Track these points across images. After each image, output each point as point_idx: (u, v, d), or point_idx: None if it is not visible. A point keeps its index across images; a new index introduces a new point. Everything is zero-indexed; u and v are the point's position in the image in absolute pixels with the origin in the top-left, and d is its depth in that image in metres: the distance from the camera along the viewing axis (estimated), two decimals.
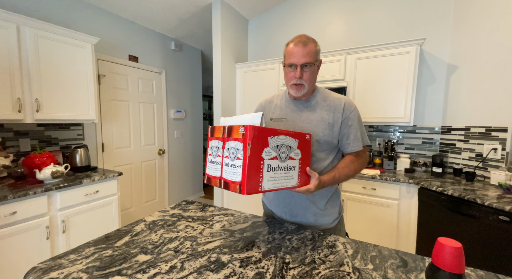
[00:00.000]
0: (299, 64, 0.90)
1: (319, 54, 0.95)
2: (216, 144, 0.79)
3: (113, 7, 2.42)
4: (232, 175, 0.72)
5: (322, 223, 1.03)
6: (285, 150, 0.77)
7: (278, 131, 0.75)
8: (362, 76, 2.19)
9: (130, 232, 0.95)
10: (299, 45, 0.90)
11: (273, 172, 0.74)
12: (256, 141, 0.69)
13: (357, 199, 2.04)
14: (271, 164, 0.73)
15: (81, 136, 2.29)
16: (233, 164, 0.71)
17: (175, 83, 3.34)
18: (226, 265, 0.73)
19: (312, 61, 0.91)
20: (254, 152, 0.68)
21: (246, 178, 0.68)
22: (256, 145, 0.69)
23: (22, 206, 1.46)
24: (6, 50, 1.56)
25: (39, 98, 1.72)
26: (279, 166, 0.76)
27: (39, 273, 0.68)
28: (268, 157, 0.72)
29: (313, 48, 0.91)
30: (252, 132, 0.68)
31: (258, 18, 3.10)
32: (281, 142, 0.76)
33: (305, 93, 0.97)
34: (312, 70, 0.93)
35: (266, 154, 0.72)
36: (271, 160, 0.73)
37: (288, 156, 0.78)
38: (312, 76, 0.93)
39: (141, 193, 2.93)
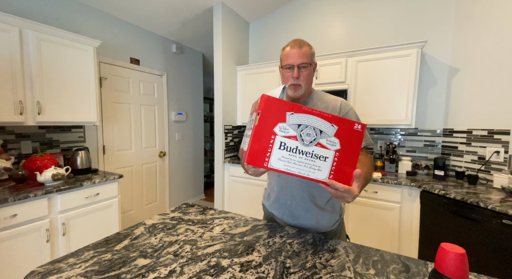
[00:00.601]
0: (296, 64, 0.92)
1: (314, 56, 0.98)
2: (249, 119, 0.76)
3: (116, 10, 2.44)
4: (245, 144, 0.68)
5: (323, 225, 1.03)
6: (311, 133, 0.67)
7: (305, 109, 0.64)
8: (363, 78, 2.19)
9: (129, 235, 0.94)
10: (295, 47, 0.94)
11: (288, 152, 0.66)
12: (268, 111, 0.63)
13: (358, 202, 2.02)
14: (286, 142, 0.65)
15: (82, 139, 2.30)
16: (248, 134, 0.69)
17: (176, 86, 3.35)
18: (226, 270, 0.72)
19: (308, 61, 0.93)
20: (263, 123, 0.63)
21: (249, 147, 0.63)
22: (267, 116, 0.63)
23: (22, 208, 1.46)
24: (9, 53, 1.57)
25: (41, 101, 1.73)
26: (298, 148, 0.66)
27: (38, 277, 0.68)
28: (282, 134, 0.65)
29: (309, 50, 0.95)
30: (264, 102, 0.63)
31: (259, 21, 3.12)
32: (306, 122, 0.65)
33: (302, 94, 0.97)
34: (309, 71, 0.95)
35: (280, 129, 0.65)
36: (286, 138, 0.65)
37: (317, 141, 0.67)
38: (308, 77, 0.95)
39: (142, 195, 2.93)
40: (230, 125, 2.85)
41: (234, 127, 2.93)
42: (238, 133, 3.04)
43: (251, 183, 2.57)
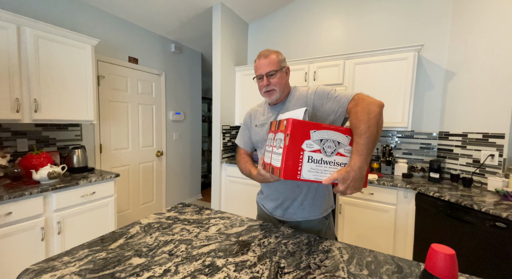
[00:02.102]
0: (264, 73, 1.01)
1: (283, 62, 1.03)
2: (271, 136, 0.88)
3: (114, 9, 2.44)
4: (276, 161, 0.79)
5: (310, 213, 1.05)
6: (332, 145, 0.78)
7: (323, 125, 0.77)
8: (360, 81, 2.20)
9: (125, 234, 0.94)
10: (261, 58, 1.02)
11: (315, 164, 0.77)
12: (295, 132, 0.75)
13: (354, 203, 2.03)
14: (312, 156, 0.76)
15: (79, 137, 2.29)
16: (278, 152, 0.79)
17: (175, 85, 3.35)
18: (221, 269, 0.73)
19: (275, 68, 1.00)
20: (293, 142, 0.75)
21: (284, 165, 0.75)
22: (295, 136, 0.75)
23: (17, 206, 1.45)
24: (6, 50, 1.56)
25: (38, 98, 1.72)
26: (323, 159, 0.78)
27: (31, 275, 0.67)
28: (309, 149, 0.76)
29: (275, 58, 1.01)
30: (291, 125, 0.75)
31: (258, 22, 3.13)
32: (327, 136, 0.78)
33: (279, 97, 1.04)
34: (279, 76, 1.01)
35: (307, 146, 0.76)
36: (313, 152, 0.76)
37: (336, 151, 0.79)
38: (280, 81, 1.01)
39: (138, 194, 2.92)
40: (228, 126, 2.86)
41: (232, 128, 2.93)
42: (236, 133, 3.04)
43: (248, 183, 2.57)
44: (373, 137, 0.77)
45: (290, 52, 2.91)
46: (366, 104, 0.83)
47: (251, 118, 1.18)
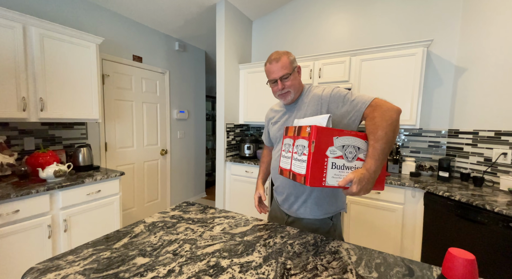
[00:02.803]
0: (278, 77, 1.01)
1: (294, 62, 1.03)
2: (288, 142, 0.88)
3: (119, 7, 2.43)
4: (299, 168, 0.79)
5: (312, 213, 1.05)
6: (353, 150, 0.80)
7: (345, 132, 0.78)
8: (367, 78, 2.16)
9: (129, 233, 0.93)
10: (273, 62, 1.01)
11: (338, 170, 0.78)
12: (320, 139, 0.75)
13: (360, 202, 2.00)
14: (335, 162, 0.77)
15: (85, 136, 2.30)
16: (300, 158, 0.79)
17: (179, 84, 3.34)
18: (226, 270, 0.71)
19: (288, 71, 1.01)
20: (318, 149, 0.75)
21: (310, 172, 0.74)
22: (320, 143, 0.75)
23: (25, 204, 1.46)
24: (12, 49, 1.57)
25: (44, 97, 1.73)
26: (345, 165, 0.79)
27: (36, 274, 0.67)
28: (332, 155, 0.77)
29: (286, 60, 1.01)
30: (316, 132, 0.75)
31: (262, 19, 3.09)
32: (348, 142, 0.79)
33: (294, 98, 1.06)
34: (292, 78, 1.02)
35: (330, 152, 0.77)
36: (336, 158, 0.77)
37: (357, 157, 0.80)
38: (294, 82, 1.03)
39: (143, 193, 2.93)
40: (232, 124, 2.84)
41: (236, 126, 2.92)
42: (240, 132, 3.03)
43: (252, 182, 2.55)
44: (390, 143, 0.79)
45: (295, 49, 2.87)
46: (384, 110, 0.83)
47: (269, 115, 1.24)
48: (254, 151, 2.79)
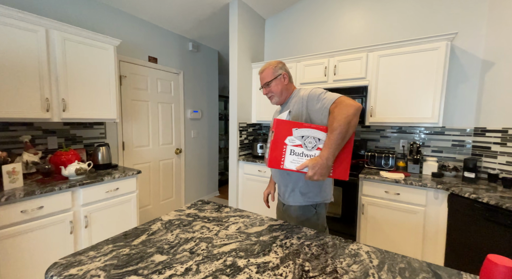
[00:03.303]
0: (262, 85, 1.22)
1: (278, 70, 1.19)
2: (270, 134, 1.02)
3: (135, 9, 2.49)
4: (266, 154, 0.98)
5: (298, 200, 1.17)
6: (312, 141, 0.93)
7: (305, 125, 0.93)
8: (385, 74, 2.08)
9: (147, 230, 0.95)
10: (259, 74, 1.23)
11: (297, 156, 0.93)
12: (279, 130, 0.92)
13: (378, 203, 1.93)
14: (294, 149, 0.93)
15: (103, 135, 2.38)
16: (268, 146, 0.97)
17: (192, 84, 3.38)
18: (242, 270, 0.70)
19: (269, 79, 1.18)
20: (276, 138, 0.92)
21: (269, 155, 0.93)
22: (279, 133, 0.92)
23: (48, 201, 1.53)
24: (36, 52, 1.65)
25: (66, 98, 1.80)
26: (304, 152, 0.93)
27: (59, 269, 0.69)
28: (291, 143, 0.93)
29: (268, 71, 1.19)
30: (276, 124, 0.93)
31: (275, 17, 3.06)
32: (307, 133, 0.93)
33: (278, 100, 1.22)
34: (274, 84, 1.18)
35: (289, 141, 0.93)
36: (294, 146, 0.93)
37: (317, 147, 0.93)
38: (276, 87, 1.18)
39: (159, 191, 2.99)
40: (245, 123, 2.84)
41: (248, 125, 2.91)
42: (253, 131, 3.02)
43: (265, 181, 2.54)
44: (343, 134, 0.89)
45: (309, 46, 2.82)
46: (343, 106, 0.94)
47: (273, 115, 1.40)
48: None
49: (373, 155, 2.20)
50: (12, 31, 1.54)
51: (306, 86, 2.45)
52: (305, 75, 2.47)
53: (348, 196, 2.04)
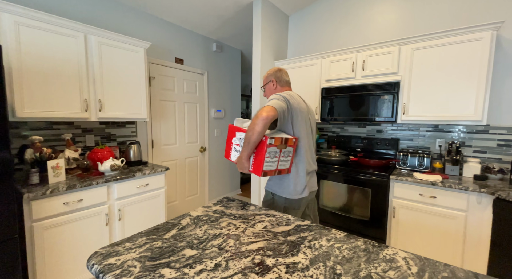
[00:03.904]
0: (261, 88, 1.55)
1: (268, 77, 1.45)
2: None
3: (163, 12, 2.60)
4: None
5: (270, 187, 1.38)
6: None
7: (243, 130, 1.21)
8: (419, 68, 1.93)
9: (177, 225, 0.98)
10: None
11: (237, 152, 1.27)
12: (229, 132, 1.30)
13: (411, 207, 1.81)
14: (236, 147, 1.28)
15: (134, 134, 2.52)
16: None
17: (216, 84, 3.45)
18: (271, 269, 0.69)
19: (263, 84, 1.49)
20: (228, 138, 1.31)
21: (225, 150, 1.35)
22: (229, 135, 1.30)
23: (87, 194, 1.65)
24: (76, 56, 1.78)
25: (101, 99, 1.93)
26: (240, 150, 1.24)
27: (100, 258, 0.74)
28: (235, 143, 1.28)
29: (264, 77, 1.49)
30: (229, 128, 1.30)
31: (299, 13, 3.00)
32: (243, 136, 1.18)
33: None
34: (267, 88, 1.47)
35: (234, 141, 1.28)
36: (236, 145, 1.27)
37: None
38: (267, 91, 1.47)
39: (185, 187, 3.10)
40: None
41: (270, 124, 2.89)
42: None
43: None
44: (247, 139, 1.12)
45: (334, 42, 2.73)
46: (254, 116, 1.13)
47: None
48: None
49: (406, 155, 2.07)
50: (56, 38, 1.68)
51: (332, 83, 2.38)
52: (331, 72, 2.39)
53: (377, 198, 1.94)
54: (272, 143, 1.12)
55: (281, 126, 1.23)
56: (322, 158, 2.34)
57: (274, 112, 1.13)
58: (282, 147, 1.16)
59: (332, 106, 2.37)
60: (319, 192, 2.27)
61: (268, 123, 1.10)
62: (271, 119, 1.12)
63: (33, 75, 1.60)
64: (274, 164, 1.16)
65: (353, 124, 2.64)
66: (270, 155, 1.13)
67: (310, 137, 1.36)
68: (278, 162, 1.17)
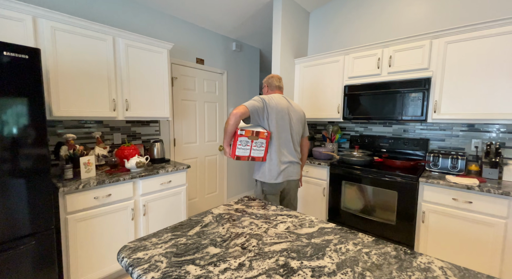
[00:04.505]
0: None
1: (263, 83, 1.74)
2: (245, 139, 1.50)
3: (184, 14, 2.66)
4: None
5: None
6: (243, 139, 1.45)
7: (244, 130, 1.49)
8: (454, 63, 1.79)
9: (200, 222, 0.99)
10: None
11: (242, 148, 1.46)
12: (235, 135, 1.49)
13: (443, 212, 1.69)
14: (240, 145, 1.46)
15: (158, 132, 2.61)
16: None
17: (235, 83, 3.47)
18: (296, 272, 0.68)
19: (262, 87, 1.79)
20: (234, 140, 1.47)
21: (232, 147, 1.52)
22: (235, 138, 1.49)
23: (115, 189, 1.74)
24: (105, 58, 1.88)
25: (128, 98, 2.02)
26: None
27: (129, 252, 0.77)
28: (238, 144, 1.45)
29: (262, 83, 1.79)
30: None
31: (320, 9, 2.92)
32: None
33: None
34: (263, 91, 1.75)
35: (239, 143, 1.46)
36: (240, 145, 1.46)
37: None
38: (263, 93, 1.73)
39: (204, 185, 3.16)
40: None
41: None
42: None
43: (308, 181, 2.46)
44: (224, 130, 1.45)
45: (357, 37, 2.62)
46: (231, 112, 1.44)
47: None
48: (310, 149, 2.67)
49: (437, 156, 1.93)
50: (87, 41, 1.78)
51: (356, 80, 2.29)
52: (354, 69, 2.30)
53: (405, 201, 1.84)
54: (243, 134, 1.41)
55: (254, 121, 1.49)
56: (344, 158, 2.26)
57: (244, 110, 1.42)
58: (254, 138, 1.44)
59: (355, 104, 2.28)
60: (340, 193, 2.20)
61: (238, 118, 1.40)
62: (240, 115, 1.41)
63: (67, 77, 1.71)
64: (246, 151, 1.45)
65: (378, 124, 2.52)
66: (241, 143, 1.43)
67: (288, 133, 1.58)
68: (250, 150, 1.45)
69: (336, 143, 2.70)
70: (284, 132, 1.56)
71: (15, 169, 1.28)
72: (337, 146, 2.72)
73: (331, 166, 2.27)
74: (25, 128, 1.30)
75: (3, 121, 1.24)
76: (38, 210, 1.36)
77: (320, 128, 3.00)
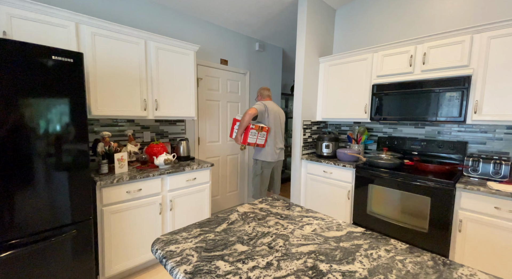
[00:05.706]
0: None
1: (257, 93, 2.56)
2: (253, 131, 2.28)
3: (210, 16, 2.72)
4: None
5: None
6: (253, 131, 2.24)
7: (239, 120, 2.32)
8: (498, 60, 1.64)
9: (226, 219, 1.01)
10: None
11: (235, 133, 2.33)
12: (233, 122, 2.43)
13: (484, 221, 1.55)
14: (235, 130, 2.35)
15: (184, 131, 2.71)
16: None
17: (257, 83, 3.48)
18: (326, 275, 0.67)
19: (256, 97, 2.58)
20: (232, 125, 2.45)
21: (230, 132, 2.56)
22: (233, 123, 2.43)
23: (145, 184, 1.84)
24: (137, 61, 1.99)
25: (157, 99, 2.12)
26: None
27: (162, 244, 0.81)
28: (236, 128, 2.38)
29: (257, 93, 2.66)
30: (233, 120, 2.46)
31: (346, 6, 2.83)
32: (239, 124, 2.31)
33: None
34: (257, 99, 2.53)
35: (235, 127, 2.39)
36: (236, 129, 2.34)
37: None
38: (257, 100, 2.50)
39: (226, 183, 3.22)
40: (309, 121, 2.74)
41: (313, 123, 2.80)
42: (317, 129, 2.89)
43: (332, 184, 2.39)
44: (241, 124, 2.22)
45: (386, 34, 2.50)
46: (246, 112, 2.22)
47: None
48: (334, 150, 2.60)
49: (477, 160, 1.78)
50: (122, 45, 1.90)
51: (385, 79, 2.18)
52: (384, 67, 2.19)
53: (439, 208, 1.72)
54: (253, 127, 2.21)
55: (258, 119, 2.31)
56: (371, 161, 2.17)
57: (255, 111, 2.23)
58: (259, 131, 2.23)
59: (383, 104, 2.18)
60: (366, 197, 2.12)
61: (251, 116, 2.19)
62: (252, 115, 2.20)
63: (104, 79, 1.83)
64: (254, 139, 2.24)
65: (409, 125, 2.38)
66: (251, 134, 2.20)
67: (279, 129, 2.42)
68: (256, 139, 2.24)
69: (362, 145, 2.60)
70: (277, 128, 2.38)
71: (59, 163, 1.40)
72: (364, 148, 2.62)
73: (356, 168, 2.19)
74: (69, 126, 1.42)
75: (50, 119, 1.36)
76: (79, 201, 1.49)
77: (344, 129, 2.91)
